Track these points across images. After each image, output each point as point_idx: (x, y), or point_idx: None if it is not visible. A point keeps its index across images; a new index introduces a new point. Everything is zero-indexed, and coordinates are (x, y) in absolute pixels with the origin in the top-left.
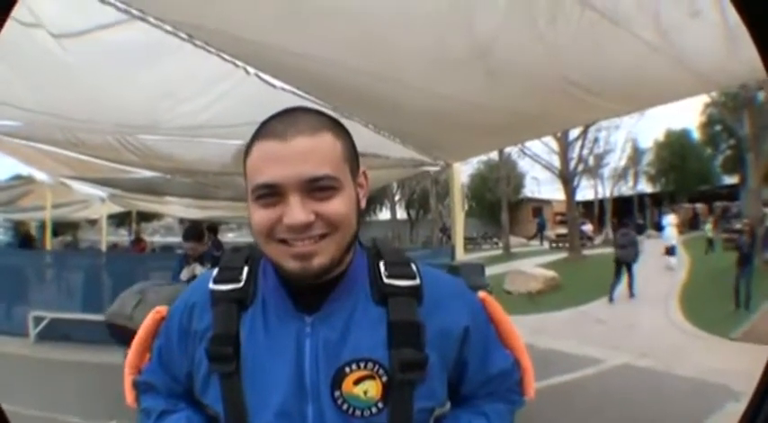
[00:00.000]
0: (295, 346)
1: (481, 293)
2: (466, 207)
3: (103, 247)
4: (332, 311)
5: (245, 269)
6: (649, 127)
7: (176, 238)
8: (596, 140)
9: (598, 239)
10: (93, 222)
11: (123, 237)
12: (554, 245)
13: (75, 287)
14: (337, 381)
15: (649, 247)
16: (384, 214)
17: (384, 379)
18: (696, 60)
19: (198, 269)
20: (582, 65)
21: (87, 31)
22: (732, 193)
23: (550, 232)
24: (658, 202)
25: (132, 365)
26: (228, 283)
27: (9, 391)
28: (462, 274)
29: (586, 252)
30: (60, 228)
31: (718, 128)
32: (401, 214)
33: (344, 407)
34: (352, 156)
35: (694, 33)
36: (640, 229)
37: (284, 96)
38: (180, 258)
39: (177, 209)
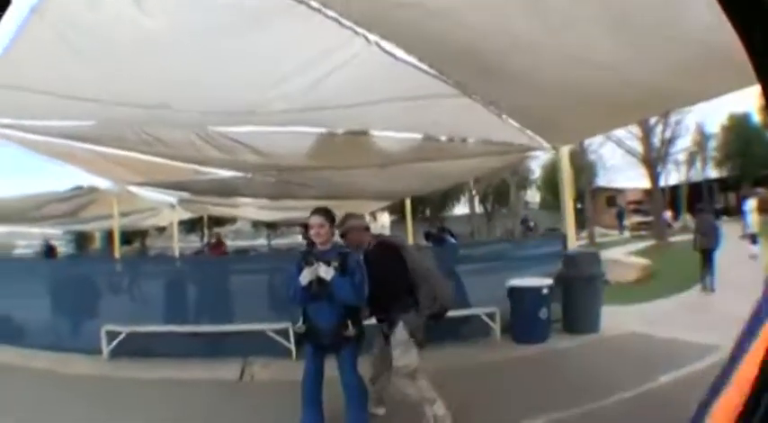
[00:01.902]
0: None
1: None
2: (538, 199)
3: (176, 254)
4: None
5: None
6: (712, 111)
7: (247, 242)
8: (677, 123)
9: (676, 225)
10: (161, 229)
11: (193, 243)
12: (635, 233)
13: (152, 297)
14: None
15: (725, 232)
16: (459, 209)
17: None
18: None
19: (323, 270)
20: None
21: None
22: None
23: (626, 221)
24: (725, 187)
25: None
26: None
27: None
28: (579, 263)
29: (671, 239)
30: (128, 236)
31: None
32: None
33: None
34: None
35: None
36: (718, 214)
37: (402, 70)
38: (299, 259)
39: (251, 211)
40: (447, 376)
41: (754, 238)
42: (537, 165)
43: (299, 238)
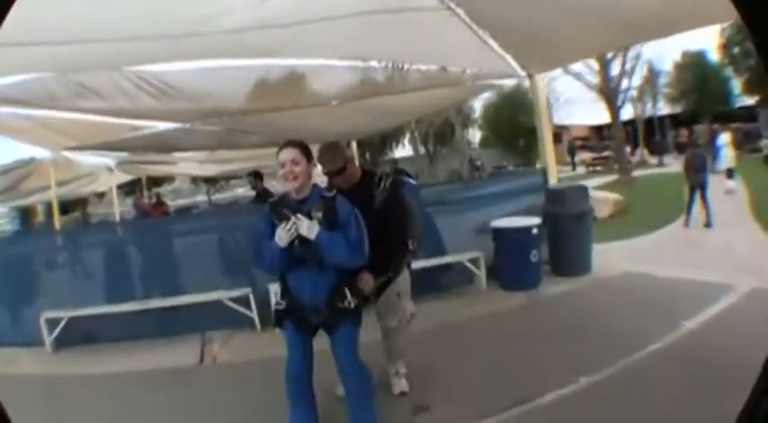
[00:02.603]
0: None
1: None
2: (478, 138)
3: (117, 219)
4: None
5: None
6: (663, 49)
7: (187, 200)
8: (637, 58)
9: (634, 160)
10: (101, 195)
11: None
12: (590, 168)
13: (93, 272)
14: None
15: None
16: (400, 152)
17: None
18: None
19: (305, 226)
20: None
21: None
22: (749, 114)
23: (577, 157)
24: (677, 122)
25: None
26: None
27: None
28: (566, 199)
29: (632, 173)
30: (69, 205)
31: (736, 50)
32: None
33: None
34: None
35: None
36: (662, 149)
37: None
38: (268, 212)
39: (191, 166)
40: (436, 336)
41: (730, 173)
42: (478, 104)
43: (240, 191)
